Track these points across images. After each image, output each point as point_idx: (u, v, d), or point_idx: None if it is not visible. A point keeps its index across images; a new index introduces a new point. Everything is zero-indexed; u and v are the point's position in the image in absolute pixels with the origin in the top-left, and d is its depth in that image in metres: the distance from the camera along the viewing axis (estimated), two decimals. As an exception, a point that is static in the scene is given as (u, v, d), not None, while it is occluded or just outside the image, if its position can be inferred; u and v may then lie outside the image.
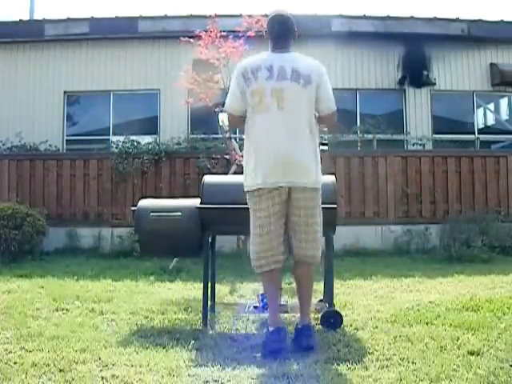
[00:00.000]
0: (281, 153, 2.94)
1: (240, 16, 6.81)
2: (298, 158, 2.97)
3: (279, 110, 2.97)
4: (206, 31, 6.43)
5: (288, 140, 2.95)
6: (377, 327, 3.39)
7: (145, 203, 3.74)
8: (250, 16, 6.52)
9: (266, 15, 6.28)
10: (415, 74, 9.91)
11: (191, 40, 6.52)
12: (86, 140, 10.07)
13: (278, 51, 3.11)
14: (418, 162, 8.33)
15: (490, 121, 10.89)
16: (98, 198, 8.30)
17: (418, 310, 3.83)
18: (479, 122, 10.58)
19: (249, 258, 3.09)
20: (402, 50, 9.88)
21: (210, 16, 6.65)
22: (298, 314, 3.66)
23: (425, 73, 9.91)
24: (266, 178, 2.95)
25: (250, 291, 4.59)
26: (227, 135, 6.87)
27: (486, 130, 10.55)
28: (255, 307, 3.67)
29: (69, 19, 9.80)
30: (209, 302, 3.64)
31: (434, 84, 9.96)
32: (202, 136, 9.27)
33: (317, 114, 3.13)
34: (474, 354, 2.76)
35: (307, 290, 3.16)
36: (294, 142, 2.97)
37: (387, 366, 2.61)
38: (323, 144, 4.53)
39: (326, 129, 3.41)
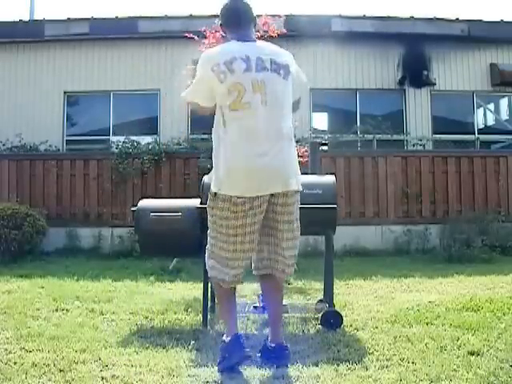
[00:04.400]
0: (264, 167, 2.55)
1: None
2: (283, 166, 2.62)
3: (263, 106, 2.57)
4: (210, 31, 6.37)
5: (273, 145, 2.58)
6: (377, 327, 3.39)
7: (145, 203, 3.74)
8: (258, 16, 6.41)
9: (273, 16, 6.31)
10: (415, 74, 9.91)
11: (196, 37, 6.44)
12: (86, 140, 10.06)
13: (245, 41, 2.73)
14: (418, 162, 8.33)
15: (490, 121, 10.88)
16: (97, 198, 8.30)
17: (418, 310, 3.83)
18: (479, 122, 10.58)
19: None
20: (402, 50, 9.88)
21: (214, 15, 6.57)
22: (297, 315, 3.69)
23: (425, 73, 9.90)
24: (244, 189, 2.57)
25: (250, 291, 4.58)
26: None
27: (486, 130, 10.54)
28: (255, 307, 3.67)
29: (69, 19, 9.80)
30: (209, 303, 3.64)
31: (434, 84, 9.96)
32: (202, 136, 9.26)
33: None
34: (474, 354, 2.76)
35: (280, 305, 2.89)
36: (279, 146, 2.60)
37: (387, 367, 2.61)
38: (323, 144, 4.54)
39: None
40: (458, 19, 9.96)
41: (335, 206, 3.45)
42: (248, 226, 2.60)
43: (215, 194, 2.62)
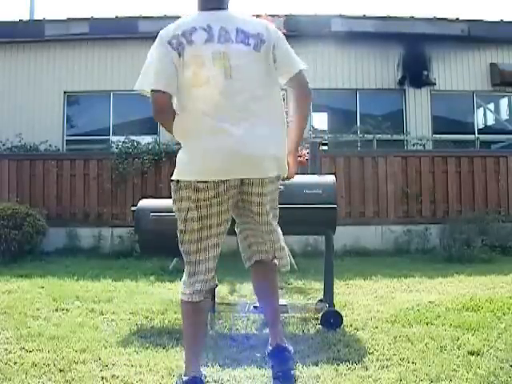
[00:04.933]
0: (230, 146, 2.20)
1: None
2: (256, 147, 2.24)
3: (227, 80, 2.22)
4: None
5: (240, 124, 2.22)
6: (377, 327, 3.39)
7: (145, 203, 3.74)
8: (258, 16, 6.41)
9: (272, 16, 6.29)
10: (415, 73, 9.91)
11: None
12: (86, 140, 10.07)
13: (212, 9, 2.35)
14: (418, 162, 8.33)
15: (490, 121, 10.89)
16: (97, 198, 8.30)
17: (418, 310, 3.83)
18: (479, 122, 10.59)
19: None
20: (401, 50, 9.88)
21: None
22: (297, 315, 3.69)
23: (425, 73, 9.91)
24: (207, 174, 2.24)
25: (249, 291, 4.58)
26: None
27: (486, 130, 10.55)
28: (255, 307, 3.67)
29: (69, 19, 9.80)
30: (209, 302, 3.64)
31: (434, 84, 9.97)
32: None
33: (282, 84, 2.42)
34: (474, 354, 2.76)
35: (276, 303, 2.61)
36: (249, 125, 2.23)
37: (387, 366, 2.61)
38: (323, 144, 4.54)
39: (299, 104, 2.42)
40: (458, 19, 9.97)
41: (335, 206, 3.46)
42: (214, 216, 2.29)
43: (177, 181, 2.29)
